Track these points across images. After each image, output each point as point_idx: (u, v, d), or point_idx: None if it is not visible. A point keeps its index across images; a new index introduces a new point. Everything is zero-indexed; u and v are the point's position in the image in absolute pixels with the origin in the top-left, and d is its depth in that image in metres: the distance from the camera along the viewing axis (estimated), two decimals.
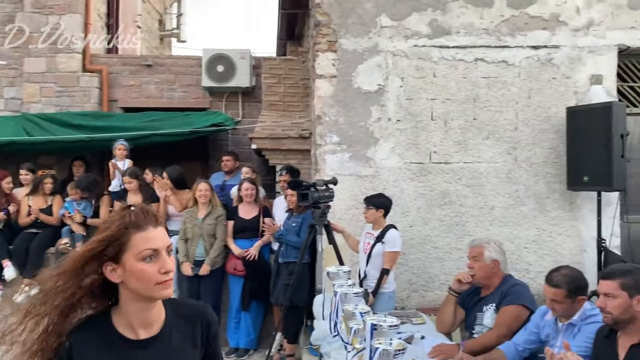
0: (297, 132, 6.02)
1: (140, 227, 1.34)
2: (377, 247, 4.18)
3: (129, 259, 1.33)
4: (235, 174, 6.12)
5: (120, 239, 1.33)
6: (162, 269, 1.34)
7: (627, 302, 2.27)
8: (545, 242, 4.84)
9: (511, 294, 3.13)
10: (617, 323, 2.31)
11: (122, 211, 1.39)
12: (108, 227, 1.34)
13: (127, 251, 1.33)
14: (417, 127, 4.81)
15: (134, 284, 1.33)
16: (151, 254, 1.34)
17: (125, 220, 1.34)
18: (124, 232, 1.33)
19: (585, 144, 4.42)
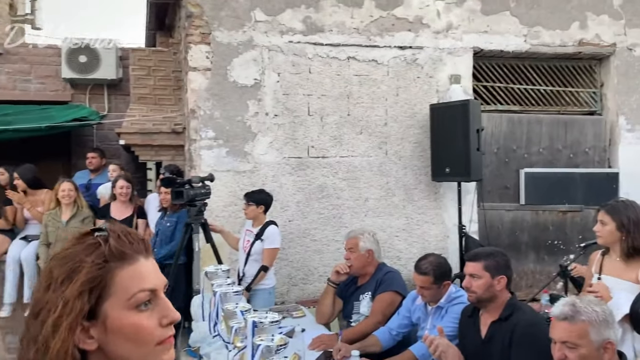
0: (170, 126, 5.77)
1: (127, 259, 0.89)
2: (256, 244, 4.15)
3: (113, 309, 0.86)
4: (102, 172, 5.73)
5: (97, 280, 0.86)
6: (165, 318, 0.89)
7: (489, 282, 2.49)
8: (413, 230, 5.16)
9: (385, 281, 3.30)
10: (480, 301, 2.53)
11: (85, 237, 0.91)
12: (77, 266, 0.86)
13: (110, 298, 0.86)
14: (295, 122, 4.85)
15: (122, 347, 0.86)
16: (148, 297, 0.89)
17: (101, 250, 0.88)
18: (102, 270, 0.87)
19: (446, 139, 4.77)
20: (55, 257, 0.90)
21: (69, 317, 0.83)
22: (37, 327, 0.85)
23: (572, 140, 5.62)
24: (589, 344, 1.81)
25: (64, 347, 0.83)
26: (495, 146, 5.45)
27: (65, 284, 0.85)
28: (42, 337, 0.84)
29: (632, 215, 2.62)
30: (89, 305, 0.85)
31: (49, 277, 0.88)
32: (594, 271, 2.81)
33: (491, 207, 5.36)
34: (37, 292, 0.89)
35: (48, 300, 0.85)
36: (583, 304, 1.89)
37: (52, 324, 0.84)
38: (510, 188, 5.51)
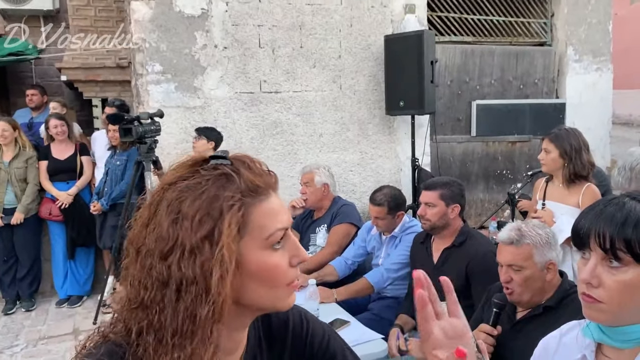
0: (114, 61, 5.49)
1: (261, 194, 0.79)
2: None
3: (248, 249, 0.78)
4: (44, 110, 5.45)
5: (241, 219, 0.77)
6: (296, 257, 0.83)
7: (443, 210, 2.56)
8: (368, 164, 5.20)
9: (340, 213, 3.35)
10: (433, 229, 2.61)
11: (203, 163, 0.80)
12: (215, 203, 0.75)
13: (245, 237, 0.77)
14: (245, 54, 4.69)
15: (256, 290, 0.79)
16: (282, 236, 0.81)
17: (236, 183, 0.77)
18: (243, 207, 0.77)
19: (400, 71, 4.74)
20: (174, 185, 0.77)
21: (230, 265, 0.74)
22: (174, 271, 0.73)
23: (522, 71, 5.70)
24: (533, 266, 1.90)
25: (225, 300, 0.74)
26: (448, 78, 5.48)
27: (206, 223, 0.74)
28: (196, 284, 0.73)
29: (574, 143, 2.72)
30: (237, 245, 0.76)
31: (174, 209, 0.75)
32: (538, 197, 2.93)
33: (443, 140, 5.44)
34: (155, 224, 0.75)
35: (184, 240, 0.73)
36: (527, 228, 1.96)
37: (218, 278, 0.73)
38: (462, 120, 5.60)
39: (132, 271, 0.77)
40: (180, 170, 0.80)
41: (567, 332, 1.13)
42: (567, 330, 1.14)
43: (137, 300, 0.76)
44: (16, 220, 4.49)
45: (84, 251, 4.85)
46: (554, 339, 1.15)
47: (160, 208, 0.76)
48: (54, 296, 4.91)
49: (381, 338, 2.33)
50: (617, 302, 0.92)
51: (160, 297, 0.74)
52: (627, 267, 0.91)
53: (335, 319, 2.47)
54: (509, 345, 1.89)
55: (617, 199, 0.98)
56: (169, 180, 0.79)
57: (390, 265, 2.90)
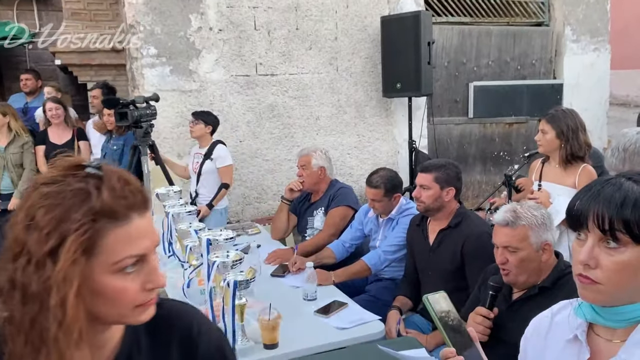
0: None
1: (119, 219, 0.78)
2: (206, 164, 4.09)
3: (96, 270, 0.77)
4: (38, 95, 5.42)
5: (86, 243, 0.76)
6: (150, 283, 0.81)
7: (437, 193, 2.57)
8: (365, 147, 5.20)
9: (337, 196, 3.35)
10: (428, 210, 2.62)
11: (76, 170, 0.79)
12: (65, 223, 0.74)
13: (94, 258, 0.77)
14: (241, 37, 4.65)
15: (100, 307, 0.79)
16: (134, 261, 0.80)
17: (91, 204, 0.76)
18: (91, 230, 0.76)
19: (397, 53, 4.71)
20: (39, 188, 0.77)
21: (71, 286, 0.74)
22: (19, 275, 0.74)
23: (519, 52, 5.67)
24: (529, 247, 1.91)
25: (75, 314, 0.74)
26: (445, 60, 5.44)
27: (51, 239, 0.74)
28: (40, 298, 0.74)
29: (571, 123, 2.71)
30: (82, 266, 0.76)
31: (29, 215, 0.75)
32: (534, 178, 2.93)
33: (440, 122, 5.43)
34: (15, 223, 0.76)
35: (32, 249, 0.74)
36: (523, 209, 1.96)
37: (58, 297, 0.73)
38: (460, 102, 5.58)
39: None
40: (56, 170, 0.80)
41: (559, 311, 1.14)
42: (559, 309, 1.15)
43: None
44: (13, 205, 4.48)
45: None
46: (545, 319, 1.16)
47: (22, 207, 0.77)
48: None
49: (378, 319, 2.35)
50: (615, 283, 0.93)
51: (11, 297, 0.75)
52: (625, 248, 0.92)
53: (333, 300, 2.49)
54: (505, 325, 1.91)
55: (613, 179, 0.98)
56: (41, 179, 0.79)
57: (387, 248, 2.92)
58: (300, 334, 2.21)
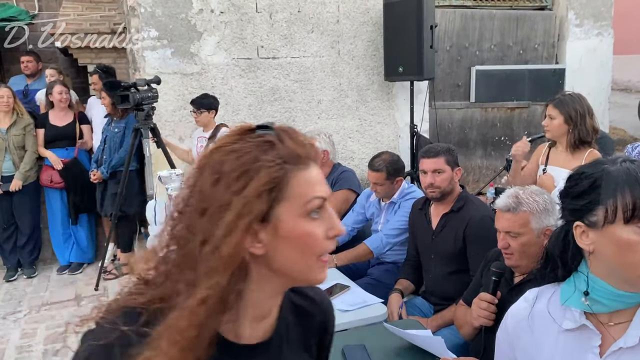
0: (109, 26, 5.39)
1: (302, 162, 0.81)
2: None
3: (286, 213, 0.79)
4: (39, 77, 5.39)
5: (277, 181, 0.78)
6: (332, 230, 0.82)
7: (450, 174, 2.58)
8: (366, 131, 5.19)
9: (340, 180, 3.36)
10: (443, 195, 2.60)
11: (249, 132, 0.82)
12: (254, 163, 0.77)
13: (284, 201, 0.79)
14: (242, 19, 4.61)
15: (288, 256, 0.80)
16: (320, 205, 0.81)
17: (278, 150, 0.80)
18: (281, 171, 0.79)
19: (399, 36, 4.68)
20: (220, 149, 0.80)
21: (247, 217, 0.75)
22: (205, 225, 0.75)
23: (522, 36, 5.64)
24: (530, 232, 1.92)
25: (237, 249, 0.75)
26: (448, 43, 5.41)
27: (241, 180, 0.76)
28: (214, 236, 0.75)
29: (579, 108, 2.70)
30: (266, 206, 0.77)
31: (217, 170, 0.77)
32: (540, 162, 2.93)
33: (442, 106, 5.42)
34: (200, 185, 0.78)
35: (219, 197, 0.76)
36: (525, 194, 1.96)
37: (228, 223, 0.75)
38: (462, 86, 5.57)
39: (175, 232, 0.79)
40: (227, 138, 0.82)
41: (535, 303, 1.15)
42: (533, 300, 1.16)
43: (176, 260, 0.78)
44: (14, 187, 4.49)
45: (85, 218, 4.87)
46: (524, 311, 1.17)
47: (205, 170, 0.79)
48: (55, 263, 4.96)
49: (381, 302, 2.37)
50: None
51: (193, 252, 0.76)
52: None
53: (335, 283, 2.51)
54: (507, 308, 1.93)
55: (634, 162, 1.00)
56: (219, 145, 0.81)
57: (389, 231, 2.93)
58: None
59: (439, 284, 2.61)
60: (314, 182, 0.81)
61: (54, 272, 4.84)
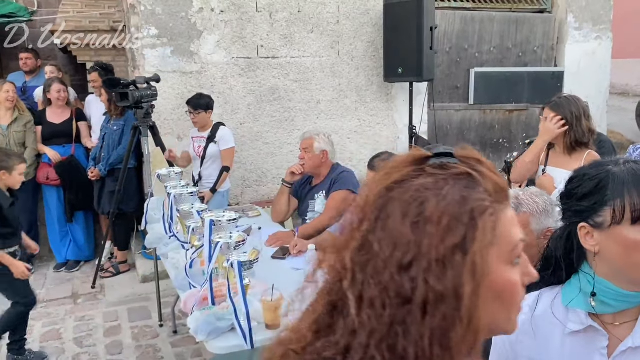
0: (108, 24, 5.38)
1: (506, 198, 0.69)
2: (210, 147, 4.09)
3: (494, 263, 0.66)
4: (38, 74, 5.38)
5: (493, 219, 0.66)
6: (527, 277, 0.71)
7: None
8: (365, 132, 5.20)
9: (339, 180, 3.36)
10: None
11: (426, 159, 0.69)
12: (465, 206, 0.64)
13: (492, 247, 0.65)
14: (242, 19, 4.61)
15: (491, 310, 0.66)
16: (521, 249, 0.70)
17: (484, 184, 0.66)
18: (493, 207, 0.66)
19: (399, 37, 4.68)
20: (404, 185, 0.66)
21: (477, 277, 0.62)
22: (417, 283, 0.61)
23: (522, 38, 5.65)
24: (530, 234, 1.91)
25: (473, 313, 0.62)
26: (447, 45, 5.42)
27: (456, 229, 0.62)
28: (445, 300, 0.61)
29: (575, 110, 2.72)
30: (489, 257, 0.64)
31: (412, 213, 0.63)
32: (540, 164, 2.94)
33: (441, 108, 5.43)
34: (389, 230, 0.64)
35: (427, 247, 0.62)
36: (525, 196, 1.95)
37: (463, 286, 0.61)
38: (461, 88, 5.57)
39: (355, 286, 0.64)
40: (399, 169, 0.69)
41: (535, 306, 1.15)
42: (535, 302, 1.15)
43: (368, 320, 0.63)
44: None
45: (82, 216, 4.86)
46: (525, 314, 1.16)
47: (389, 210, 0.65)
48: (52, 261, 4.95)
49: None
50: None
51: (402, 315, 0.62)
52: None
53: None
54: None
55: (638, 163, 1.00)
56: (391, 180, 0.68)
57: None
58: None
59: None
60: (515, 221, 0.68)
61: (51, 270, 4.83)
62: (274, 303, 2.09)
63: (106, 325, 3.84)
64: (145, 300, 4.18)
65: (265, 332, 2.08)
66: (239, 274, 1.91)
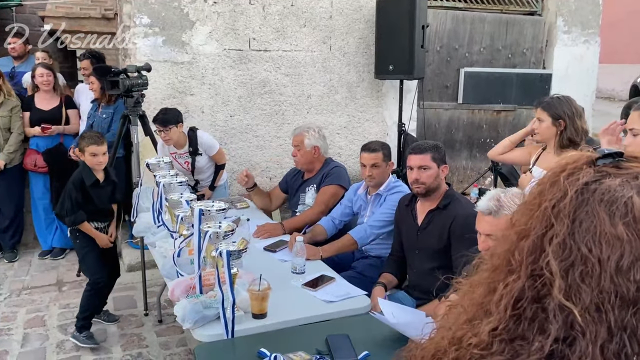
0: (100, 11, 5.35)
1: None
2: (198, 160, 3.89)
3: None
4: (27, 59, 5.31)
5: None
6: None
7: (436, 171, 2.62)
8: (354, 127, 5.23)
9: (330, 174, 3.39)
10: (428, 191, 2.65)
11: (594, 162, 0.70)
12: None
13: None
14: (235, 10, 4.61)
15: None
16: None
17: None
18: None
19: (391, 34, 4.71)
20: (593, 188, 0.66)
21: None
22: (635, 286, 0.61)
23: (511, 40, 5.72)
24: None
25: None
26: (438, 44, 5.47)
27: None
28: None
29: (567, 110, 2.76)
30: None
31: (621, 214, 0.63)
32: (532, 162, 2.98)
33: (430, 106, 5.48)
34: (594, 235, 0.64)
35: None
36: (507, 198, 1.95)
37: None
38: (450, 87, 5.63)
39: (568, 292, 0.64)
40: (583, 170, 0.69)
41: None
42: None
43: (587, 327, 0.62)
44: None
45: None
46: None
47: (586, 211, 0.65)
48: (37, 248, 4.91)
49: (365, 294, 2.41)
50: None
51: (626, 319, 0.61)
52: None
53: (321, 274, 2.54)
54: None
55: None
56: (579, 181, 0.68)
57: (374, 222, 2.98)
58: (289, 305, 2.26)
59: (422, 279, 2.66)
60: None
61: (36, 257, 4.80)
62: (261, 293, 2.11)
63: None
64: (131, 289, 4.17)
65: (252, 321, 2.11)
66: (227, 263, 1.93)
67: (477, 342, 0.67)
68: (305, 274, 2.56)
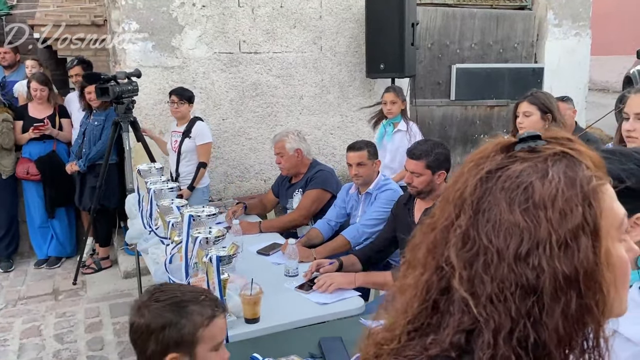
0: (89, 18, 5.34)
1: (605, 174, 0.69)
2: (185, 142, 4.02)
3: (607, 242, 0.64)
4: (18, 69, 5.31)
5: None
6: (632, 251, 0.71)
7: (430, 178, 2.61)
8: (347, 127, 5.22)
9: (314, 179, 3.39)
10: (420, 194, 2.66)
11: (512, 146, 0.68)
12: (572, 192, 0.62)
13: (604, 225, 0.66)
14: (224, 13, 4.60)
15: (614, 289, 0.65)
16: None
17: (580, 163, 0.66)
18: (600, 186, 0.66)
19: (381, 33, 4.70)
20: (500, 174, 0.64)
21: (607, 257, 0.62)
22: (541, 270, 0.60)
23: (502, 35, 5.71)
24: None
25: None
26: (429, 41, 5.46)
27: (573, 210, 0.61)
28: (575, 282, 0.60)
29: (553, 103, 2.77)
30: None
31: (520, 201, 0.62)
32: None
33: (423, 103, 5.47)
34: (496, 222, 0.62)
35: (544, 232, 0.60)
36: None
37: (598, 266, 0.60)
38: (442, 84, 5.62)
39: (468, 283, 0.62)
40: (489, 158, 0.67)
41: None
42: None
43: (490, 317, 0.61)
44: None
45: (64, 212, 4.81)
46: None
47: (490, 201, 0.63)
48: (32, 257, 4.90)
49: (358, 295, 2.40)
50: None
51: (528, 307, 0.60)
52: None
53: (313, 277, 2.53)
54: None
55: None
56: (483, 170, 0.66)
57: (366, 221, 2.97)
58: (282, 309, 2.25)
59: None
60: (614, 196, 0.66)
61: (32, 266, 4.78)
62: (253, 297, 2.11)
63: (87, 321, 3.82)
64: (127, 296, 4.16)
65: (245, 326, 2.11)
66: (216, 268, 1.93)
67: (391, 337, 0.67)
68: (298, 276, 2.56)
